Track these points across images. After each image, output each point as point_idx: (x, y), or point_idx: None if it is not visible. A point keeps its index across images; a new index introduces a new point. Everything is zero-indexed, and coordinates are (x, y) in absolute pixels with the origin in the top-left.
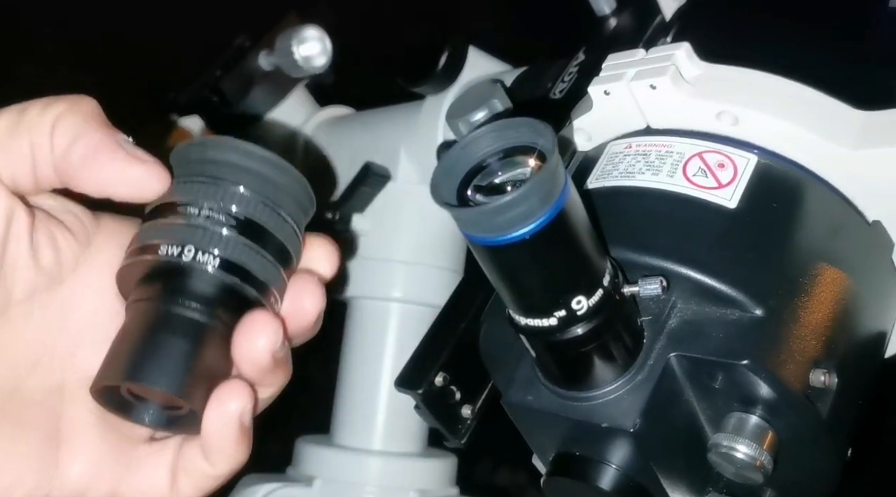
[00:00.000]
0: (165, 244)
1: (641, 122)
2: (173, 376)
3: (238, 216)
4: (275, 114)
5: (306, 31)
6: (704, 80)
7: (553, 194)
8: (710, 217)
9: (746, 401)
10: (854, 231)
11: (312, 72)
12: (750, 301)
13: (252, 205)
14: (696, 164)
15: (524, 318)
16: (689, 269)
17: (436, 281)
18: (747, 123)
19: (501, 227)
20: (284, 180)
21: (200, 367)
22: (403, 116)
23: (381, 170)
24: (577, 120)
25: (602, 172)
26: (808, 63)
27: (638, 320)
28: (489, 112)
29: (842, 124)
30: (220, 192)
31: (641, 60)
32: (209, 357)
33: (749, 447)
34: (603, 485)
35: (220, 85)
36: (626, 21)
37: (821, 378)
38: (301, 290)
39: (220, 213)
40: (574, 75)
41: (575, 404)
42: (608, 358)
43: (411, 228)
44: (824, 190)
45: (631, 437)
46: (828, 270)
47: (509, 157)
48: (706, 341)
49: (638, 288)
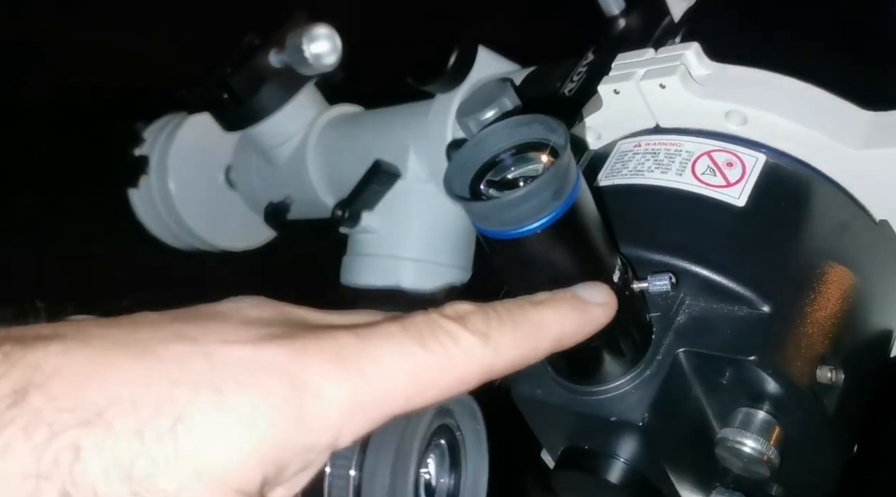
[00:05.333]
0: None
1: (651, 120)
2: None
3: None
4: (284, 111)
5: (317, 29)
6: (713, 80)
7: (565, 189)
8: (719, 215)
9: (754, 396)
10: (861, 230)
11: (322, 70)
12: (758, 298)
13: None
14: (705, 163)
15: None
16: (697, 266)
17: (444, 278)
18: (756, 123)
19: (514, 221)
20: None
21: None
22: (413, 115)
23: (391, 168)
24: (587, 118)
25: (611, 170)
26: (816, 63)
27: (647, 316)
28: (499, 110)
29: (849, 124)
30: None
31: (651, 60)
32: None
33: (756, 442)
34: (611, 478)
35: (230, 82)
36: (635, 21)
37: (827, 374)
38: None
39: None
40: (583, 75)
41: (584, 398)
42: (617, 353)
43: (420, 226)
44: (832, 189)
45: (639, 431)
46: (835, 268)
47: (522, 153)
48: (714, 337)
49: (647, 284)
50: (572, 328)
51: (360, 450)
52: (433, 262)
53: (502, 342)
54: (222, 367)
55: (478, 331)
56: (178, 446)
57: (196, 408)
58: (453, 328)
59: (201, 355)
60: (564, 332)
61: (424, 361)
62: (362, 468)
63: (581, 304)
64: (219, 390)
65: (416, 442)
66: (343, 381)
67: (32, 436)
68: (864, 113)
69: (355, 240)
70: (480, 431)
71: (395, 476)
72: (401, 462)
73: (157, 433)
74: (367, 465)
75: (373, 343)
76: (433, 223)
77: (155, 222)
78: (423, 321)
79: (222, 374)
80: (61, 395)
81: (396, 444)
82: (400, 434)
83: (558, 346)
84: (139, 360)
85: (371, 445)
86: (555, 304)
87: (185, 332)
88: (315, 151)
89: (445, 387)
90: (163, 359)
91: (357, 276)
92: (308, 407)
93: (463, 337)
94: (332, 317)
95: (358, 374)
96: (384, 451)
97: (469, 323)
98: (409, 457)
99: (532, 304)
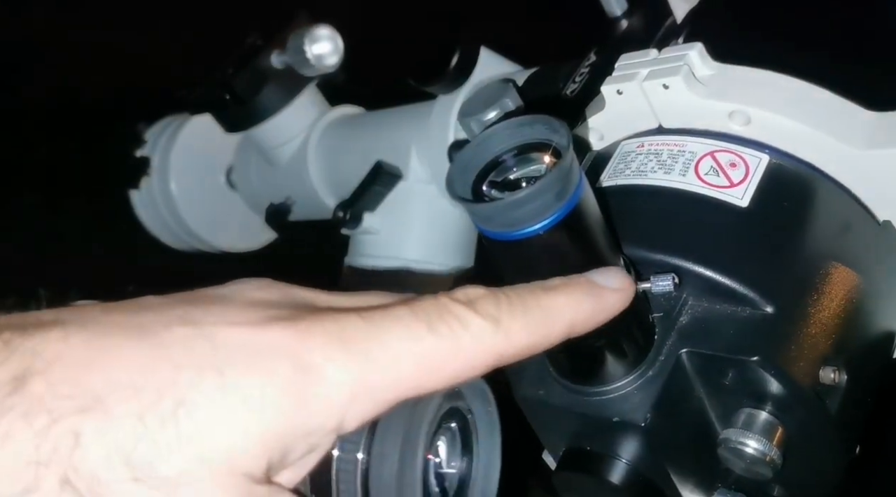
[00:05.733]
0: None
1: (654, 121)
2: None
3: None
4: (286, 112)
5: (318, 30)
6: (717, 80)
7: (568, 190)
8: (722, 215)
9: (756, 397)
10: (864, 231)
11: (324, 71)
12: (761, 298)
13: None
14: (709, 164)
15: None
16: (700, 266)
17: (445, 279)
18: (759, 123)
19: (517, 222)
20: None
21: None
22: (415, 116)
23: (393, 169)
24: (590, 119)
25: (614, 171)
26: (820, 64)
27: (650, 316)
28: (501, 111)
29: (853, 125)
30: None
31: (654, 60)
32: None
33: (759, 442)
34: (613, 479)
35: (232, 83)
36: (638, 23)
37: (830, 375)
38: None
39: None
40: (586, 76)
41: (586, 399)
42: (620, 353)
43: (421, 227)
44: (835, 190)
45: (642, 432)
46: (838, 269)
47: (524, 154)
48: (717, 338)
49: (650, 284)
50: (586, 314)
51: (369, 433)
52: (434, 263)
53: (513, 328)
54: (226, 349)
55: (488, 315)
56: (180, 430)
57: (199, 391)
58: (463, 312)
59: (204, 338)
60: (577, 319)
61: (433, 345)
62: (370, 451)
63: (596, 289)
64: (222, 373)
65: (424, 425)
66: (348, 364)
67: (33, 423)
68: (867, 113)
69: (357, 241)
70: (493, 415)
71: (403, 459)
72: (409, 445)
73: (159, 417)
74: (375, 448)
75: (380, 326)
76: (435, 224)
77: (156, 223)
78: (433, 305)
79: (226, 357)
80: (61, 382)
81: (405, 427)
82: (409, 417)
83: (571, 332)
84: (141, 343)
85: (379, 428)
86: (568, 290)
87: (187, 315)
88: (316, 152)
89: (453, 372)
90: (165, 342)
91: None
92: (313, 389)
93: (473, 321)
94: (339, 299)
95: (364, 356)
96: (392, 434)
97: (480, 307)
98: (418, 440)
99: (544, 290)
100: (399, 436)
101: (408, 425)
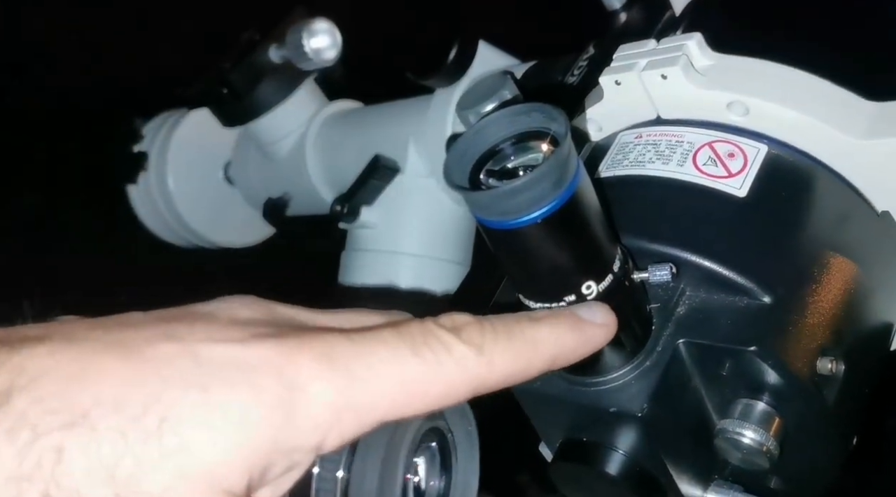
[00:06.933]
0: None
1: (652, 112)
2: None
3: None
4: (284, 107)
5: (317, 24)
6: (715, 71)
7: (565, 178)
8: (720, 206)
9: (754, 387)
10: (863, 221)
11: (322, 65)
12: (758, 289)
13: None
14: (707, 154)
15: (534, 303)
16: (698, 256)
17: (443, 273)
18: (758, 113)
19: (513, 211)
20: None
21: None
22: (413, 110)
23: (390, 163)
24: (588, 110)
25: (612, 162)
26: (819, 54)
27: (647, 307)
28: (499, 103)
29: (852, 115)
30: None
31: (653, 51)
32: None
33: (756, 433)
34: (610, 470)
35: (229, 77)
36: (637, 15)
37: (828, 365)
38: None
39: None
40: (584, 69)
41: (583, 390)
42: (617, 344)
43: (419, 221)
44: (834, 180)
45: (639, 422)
46: (836, 259)
47: (522, 142)
48: (714, 328)
49: (647, 275)
50: (569, 348)
51: (349, 451)
52: (432, 257)
53: (496, 356)
54: (209, 366)
55: (472, 343)
56: (163, 446)
57: (182, 407)
58: (447, 338)
59: (188, 354)
60: (560, 352)
61: (416, 369)
62: (350, 470)
63: (579, 324)
64: (206, 389)
65: (405, 444)
66: (333, 383)
67: (15, 438)
68: (866, 103)
69: (354, 235)
70: (472, 434)
71: (383, 478)
72: (389, 464)
73: (142, 433)
74: (355, 466)
75: (365, 347)
76: (432, 218)
77: (154, 219)
78: (418, 329)
79: (209, 374)
80: (46, 397)
81: (385, 445)
82: (389, 436)
83: (553, 364)
84: (125, 360)
85: (360, 447)
86: (553, 322)
87: (172, 332)
88: (314, 147)
89: (435, 396)
90: (149, 358)
91: (356, 272)
92: (297, 407)
93: (456, 348)
94: (322, 317)
95: (348, 376)
96: (373, 452)
97: (464, 334)
98: (398, 459)
99: (530, 321)
100: (379, 455)
101: (388, 444)
